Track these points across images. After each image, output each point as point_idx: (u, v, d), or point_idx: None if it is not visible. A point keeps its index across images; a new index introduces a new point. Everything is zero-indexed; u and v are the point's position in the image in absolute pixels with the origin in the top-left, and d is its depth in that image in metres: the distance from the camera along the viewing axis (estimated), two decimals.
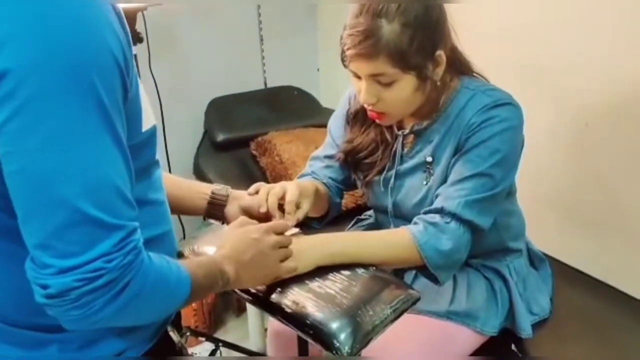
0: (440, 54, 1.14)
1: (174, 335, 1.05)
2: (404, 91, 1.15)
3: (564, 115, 1.71)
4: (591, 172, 1.69)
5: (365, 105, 1.21)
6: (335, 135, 1.40)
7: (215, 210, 1.21)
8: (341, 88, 1.42)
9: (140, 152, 0.81)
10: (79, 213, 0.70)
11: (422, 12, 1.09)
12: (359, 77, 1.16)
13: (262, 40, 2.57)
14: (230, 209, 1.21)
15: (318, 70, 2.79)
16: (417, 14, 1.09)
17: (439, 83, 1.18)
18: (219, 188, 1.22)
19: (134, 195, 0.77)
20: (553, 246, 1.61)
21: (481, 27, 1.73)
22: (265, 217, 1.16)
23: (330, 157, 1.40)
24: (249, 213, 1.19)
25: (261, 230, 1.05)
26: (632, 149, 1.57)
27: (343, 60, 1.16)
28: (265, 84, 2.66)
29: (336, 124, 1.41)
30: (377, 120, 1.24)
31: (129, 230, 0.74)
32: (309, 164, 1.45)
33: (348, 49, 1.11)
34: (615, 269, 1.60)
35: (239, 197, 1.22)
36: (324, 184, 1.39)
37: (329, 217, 1.42)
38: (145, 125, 0.84)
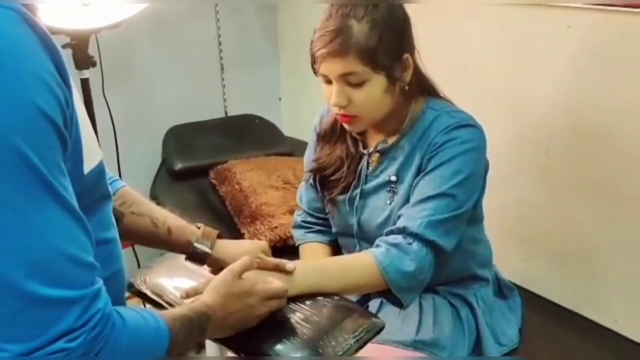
0: (408, 57, 1.18)
1: None
2: (374, 92, 1.16)
3: (524, 143, 1.72)
4: (554, 202, 1.69)
5: (336, 110, 1.21)
6: (308, 165, 1.41)
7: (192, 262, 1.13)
8: (303, 118, 1.42)
9: (88, 194, 0.73)
10: (27, 296, 0.62)
11: (389, 14, 1.14)
12: (329, 82, 1.18)
13: (222, 68, 2.53)
14: (209, 266, 1.14)
15: (280, 99, 2.76)
16: (384, 15, 1.13)
17: (406, 88, 1.20)
18: (199, 245, 1.11)
19: None
20: (520, 276, 1.59)
21: (448, 57, 1.73)
22: None
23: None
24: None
25: (259, 296, 0.97)
26: (592, 178, 1.58)
27: (313, 66, 1.19)
28: (226, 112, 2.61)
29: (308, 155, 1.42)
30: (347, 126, 1.25)
31: (90, 297, 0.67)
32: (297, 214, 1.47)
33: (319, 49, 1.14)
34: (583, 297, 1.59)
35: (221, 258, 1.11)
36: (320, 242, 1.41)
37: None
38: (89, 166, 0.76)
